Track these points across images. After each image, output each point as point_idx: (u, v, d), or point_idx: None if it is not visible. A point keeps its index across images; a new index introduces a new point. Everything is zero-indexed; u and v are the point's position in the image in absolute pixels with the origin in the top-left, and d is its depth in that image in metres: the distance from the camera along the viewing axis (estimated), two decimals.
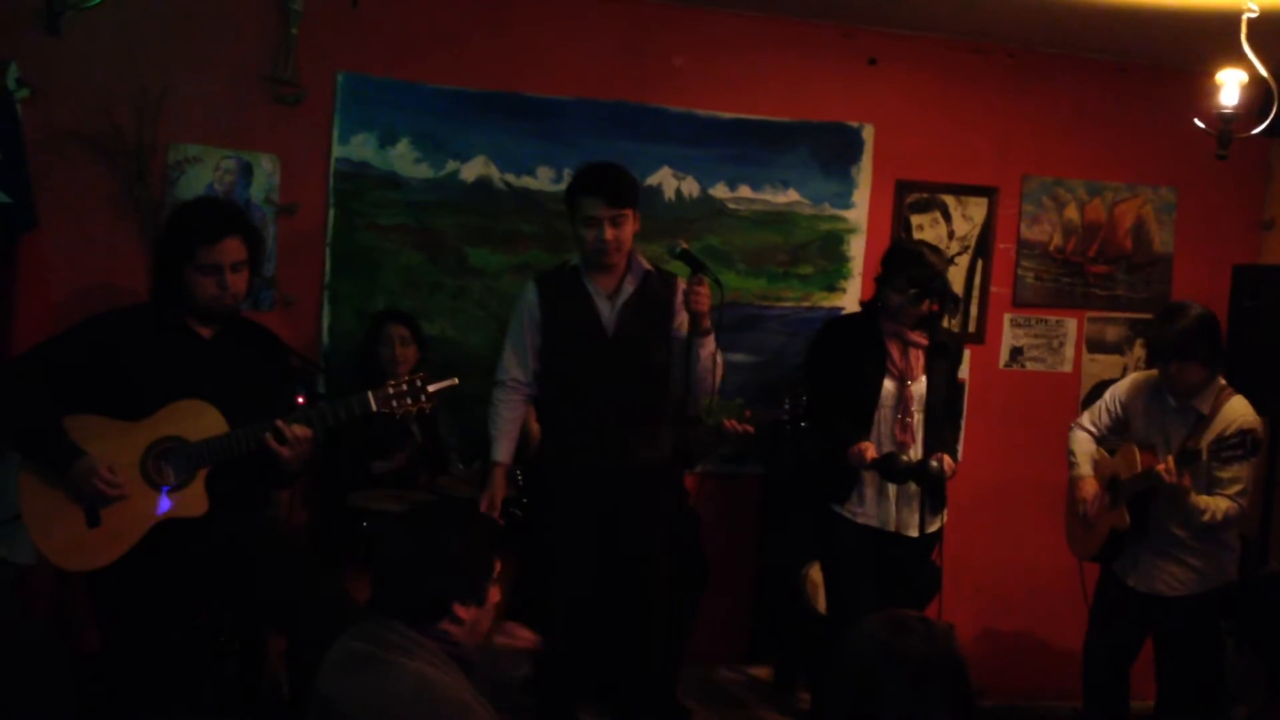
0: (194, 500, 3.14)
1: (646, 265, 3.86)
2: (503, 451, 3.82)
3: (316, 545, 4.22)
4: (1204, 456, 3.69)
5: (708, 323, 3.71)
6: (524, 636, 2.51)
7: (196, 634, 3.54)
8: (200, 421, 3.13)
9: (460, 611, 2.36)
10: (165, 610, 3.16)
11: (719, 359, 3.79)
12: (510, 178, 4.60)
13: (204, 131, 4.26)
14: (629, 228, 3.73)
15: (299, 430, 3.14)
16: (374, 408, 3.19)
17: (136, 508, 3.10)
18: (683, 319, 3.81)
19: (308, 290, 4.44)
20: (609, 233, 3.67)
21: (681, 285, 3.82)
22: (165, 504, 3.11)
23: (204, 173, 4.27)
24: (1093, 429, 4.11)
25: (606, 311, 3.76)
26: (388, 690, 2.28)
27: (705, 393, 3.87)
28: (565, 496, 3.80)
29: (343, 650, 2.38)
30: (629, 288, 3.79)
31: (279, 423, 3.12)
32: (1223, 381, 3.85)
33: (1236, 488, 3.77)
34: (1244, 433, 3.64)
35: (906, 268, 3.88)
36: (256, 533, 3.42)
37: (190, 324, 3.23)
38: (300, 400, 3.72)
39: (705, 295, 3.68)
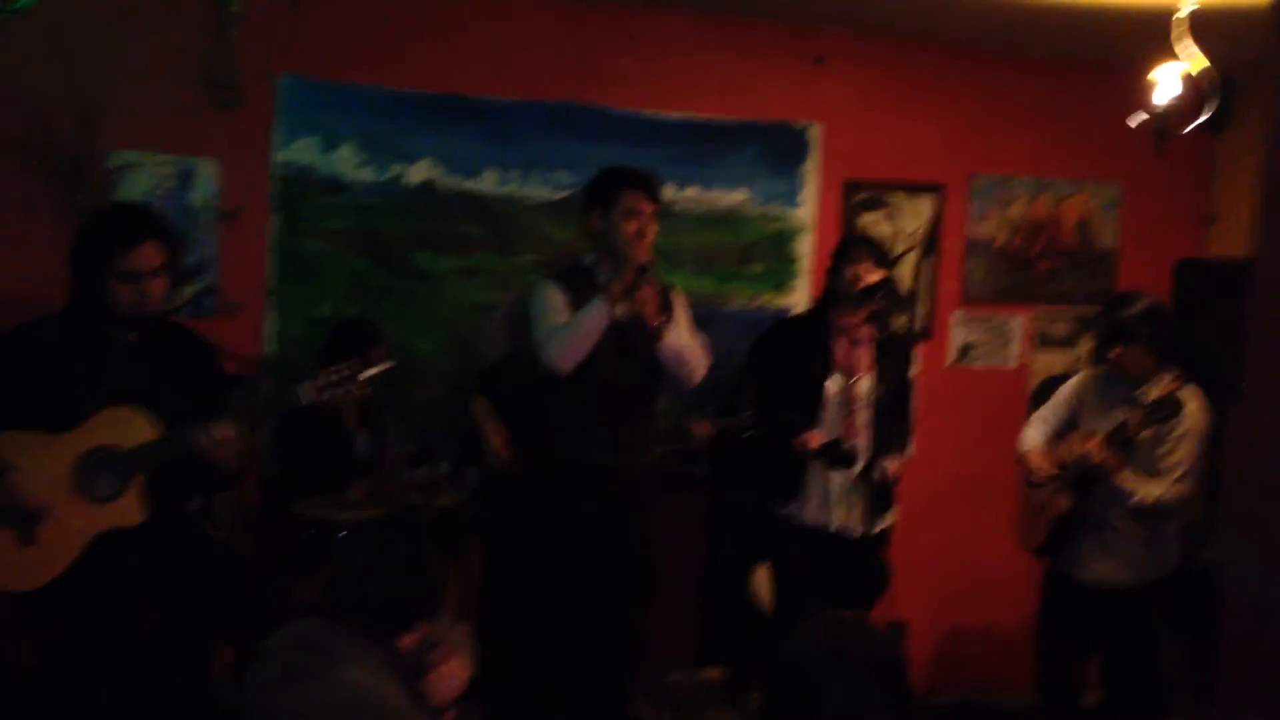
0: (129, 509, 3.08)
1: None
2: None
3: (262, 554, 4.18)
4: (1130, 429, 3.72)
5: (654, 323, 3.72)
6: (457, 675, 2.48)
7: (138, 646, 3.48)
8: (130, 429, 3.06)
9: (424, 626, 2.37)
10: (105, 625, 3.11)
11: (686, 349, 3.79)
12: (457, 180, 4.56)
13: (143, 137, 4.19)
14: (655, 228, 3.80)
15: (228, 430, 3.06)
16: (306, 400, 3.13)
17: (72, 523, 3.03)
18: (680, 320, 3.87)
19: (252, 297, 4.38)
20: (649, 227, 3.73)
21: (676, 291, 3.93)
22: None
23: (144, 179, 4.20)
24: (1046, 424, 4.13)
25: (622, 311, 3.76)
26: (324, 703, 2.26)
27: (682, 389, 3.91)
28: (570, 496, 3.80)
29: (274, 661, 2.34)
30: None
31: (206, 423, 3.03)
32: (1174, 372, 3.87)
33: (1176, 473, 3.80)
34: (1164, 396, 3.68)
35: (859, 243, 4.06)
36: (197, 543, 3.38)
37: (111, 330, 3.16)
38: None
39: (647, 296, 3.68)
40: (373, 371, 3.19)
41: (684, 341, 3.81)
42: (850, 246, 4.05)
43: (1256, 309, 1.38)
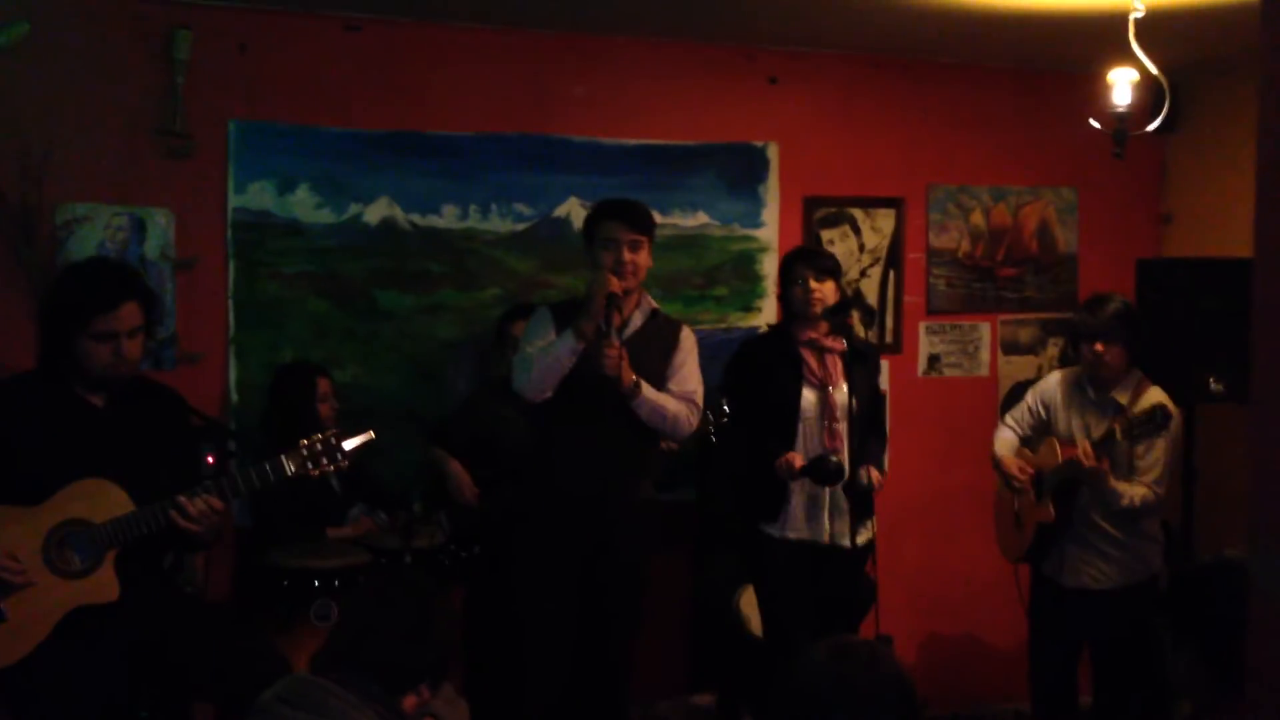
0: (104, 586, 2.97)
1: (653, 304, 3.87)
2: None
3: (238, 605, 4.09)
4: (1118, 436, 3.72)
5: (628, 382, 3.67)
6: None
7: (117, 709, 3.39)
8: (103, 501, 2.96)
9: (425, 690, 2.27)
10: (81, 693, 3.00)
11: (668, 406, 3.75)
12: (415, 217, 4.52)
13: (93, 189, 4.12)
14: (644, 256, 3.76)
15: (203, 504, 2.98)
16: (289, 472, 3.05)
17: (44, 599, 2.92)
18: (684, 363, 3.82)
19: (212, 346, 4.30)
20: (627, 255, 3.69)
21: (684, 330, 3.88)
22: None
23: (95, 231, 4.12)
24: (1015, 428, 4.14)
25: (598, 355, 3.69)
26: None
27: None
28: (551, 531, 3.73)
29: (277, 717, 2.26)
30: (636, 322, 3.78)
31: (182, 499, 2.96)
32: (1140, 374, 3.90)
33: (1153, 474, 3.82)
34: (1154, 408, 3.68)
35: (798, 260, 4.01)
36: (172, 600, 3.29)
37: (81, 393, 3.06)
38: (210, 459, 3.58)
39: (614, 356, 3.62)
40: (355, 443, 3.11)
41: (661, 399, 3.73)
42: (790, 265, 4.02)
43: (1261, 305, 1.35)
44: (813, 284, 3.92)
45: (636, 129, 4.77)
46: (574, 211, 4.66)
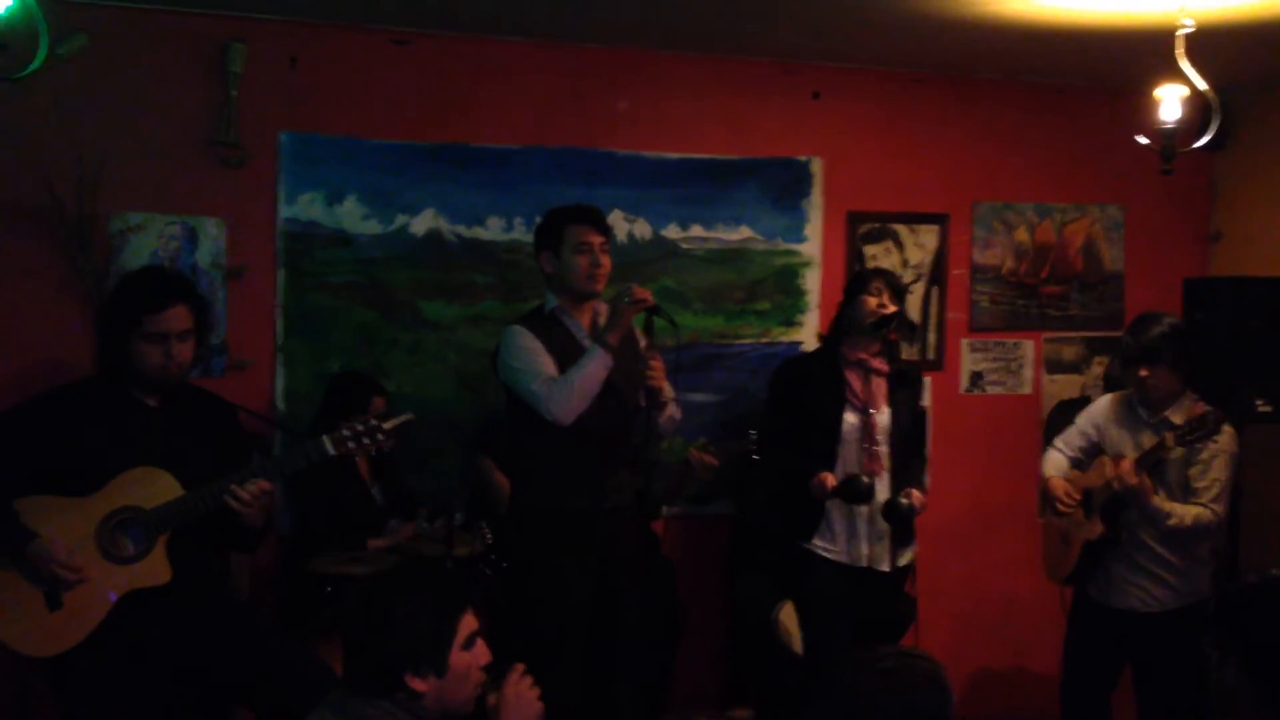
0: (156, 569, 3.07)
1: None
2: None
3: (282, 613, 4.13)
4: (1169, 444, 3.63)
5: (666, 395, 3.68)
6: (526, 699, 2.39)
7: (161, 710, 3.44)
8: (154, 488, 3.07)
9: (415, 684, 2.22)
10: (128, 689, 3.07)
11: (677, 414, 3.76)
12: (461, 229, 4.56)
13: (146, 198, 4.19)
14: (607, 259, 3.74)
15: (254, 486, 3.07)
16: (332, 452, 3.13)
17: (98, 586, 3.02)
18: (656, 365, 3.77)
19: (260, 353, 4.36)
20: (601, 258, 3.68)
21: (638, 333, 3.82)
22: (112, 597, 3.05)
23: (148, 240, 4.20)
24: (1066, 450, 4.08)
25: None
26: None
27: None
28: (555, 543, 3.69)
29: None
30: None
31: (232, 484, 3.06)
32: (1195, 396, 3.83)
33: (1211, 493, 3.73)
34: (1206, 412, 3.61)
35: (875, 275, 4.03)
36: (220, 605, 3.35)
37: (136, 394, 3.17)
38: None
39: (661, 369, 3.64)
40: (395, 422, 3.18)
41: (670, 411, 3.76)
42: (868, 278, 4.02)
43: None
44: (886, 298, 3.93)
45: (680, 143, 4.80)
46: (617, 224, 4.67)
